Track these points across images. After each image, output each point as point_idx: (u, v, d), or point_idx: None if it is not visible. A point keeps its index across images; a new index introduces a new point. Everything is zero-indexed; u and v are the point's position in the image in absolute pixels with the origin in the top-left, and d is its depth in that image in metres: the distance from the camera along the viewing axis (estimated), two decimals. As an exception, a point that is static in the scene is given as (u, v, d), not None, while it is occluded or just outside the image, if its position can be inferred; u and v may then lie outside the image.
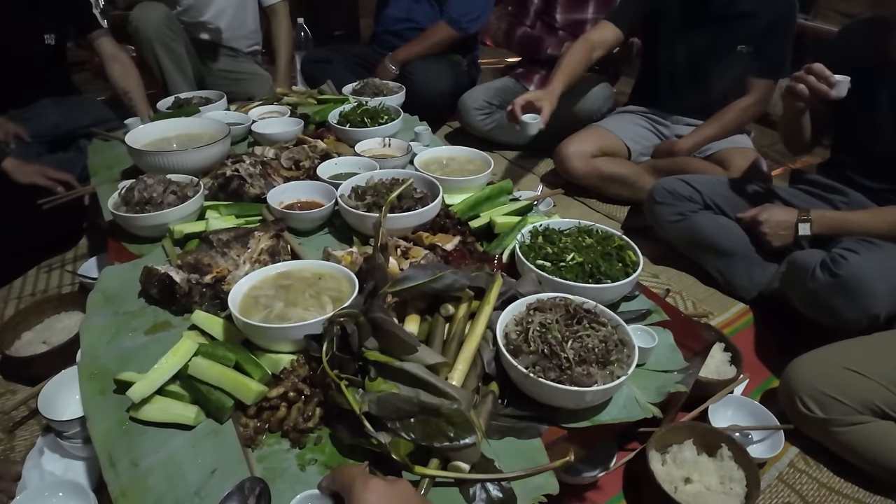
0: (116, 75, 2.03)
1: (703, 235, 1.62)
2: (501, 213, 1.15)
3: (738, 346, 1.34)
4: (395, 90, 1.85)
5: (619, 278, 0.92)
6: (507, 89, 2.43)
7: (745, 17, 1.86)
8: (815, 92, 1.34)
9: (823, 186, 1.61)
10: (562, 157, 2.07)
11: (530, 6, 2.41)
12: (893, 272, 1.27)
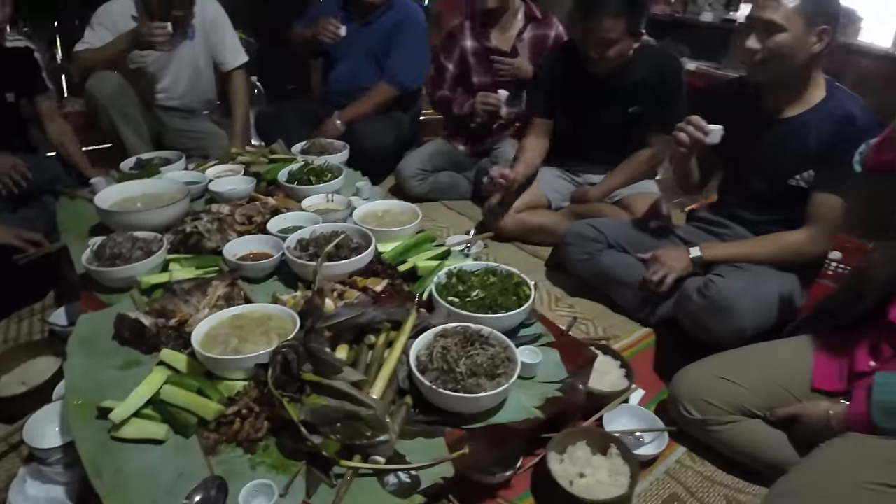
0: (53, 134, 2.19)
1: (608, 271, 1.88)
2: (424, 259, 1.37)
3: (640, 363, 1.58)
4: (339, 148, 2.08)
5: (513, 309, 1.15)
6: (439, 152, 2.68)
7: (635, 85, 2.14)
8: (694, 139, 1.60)
9: (712, 222, 1.88)
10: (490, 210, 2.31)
11: (446, 73, 2.65)
12: (755, 292, 1.53)
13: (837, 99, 1.57)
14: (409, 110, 2.82)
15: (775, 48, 1.49)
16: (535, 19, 2.53)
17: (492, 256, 2.21)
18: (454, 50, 2.62)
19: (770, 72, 1.55)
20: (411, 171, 2.60)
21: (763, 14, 1.51)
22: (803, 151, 1.58)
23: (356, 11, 2.64)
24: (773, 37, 1.49)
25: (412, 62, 2.67)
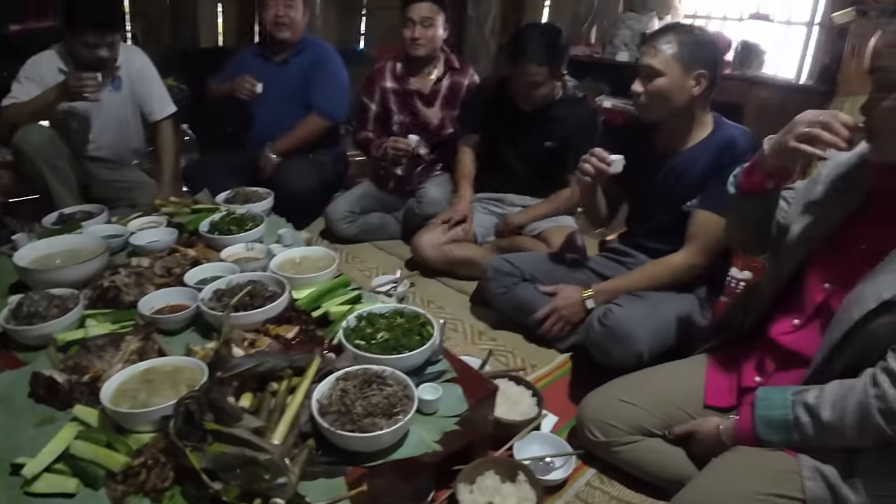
0: None
1: (524, 303, 1.98)
2: (337, 304, 1.44)
3: (557, 390, 1.68)
4: (263, 196, 2.13)
5: (416, 349, 1.22)
6: (367, 194, 2.78)
7: (552, 121, 2.34)
8: (598, 169, 1.73)
9: (620, 252, 2.02)
10: (416, 246, 2.43)
11: (369, 112, 2.77)
12: (651, 318, 1.66)
13: (724, 130, 1.74)
14: (332, 151, 2.91)
15: (655, 91, 1.65)
16: (454, 68, 2.69)
17: (419, 294, 2.29)
18: (375, 90, 2.74)
19: (653, 113, 1.72)
20: (340, 214, 2.67)
21: (644, 60, 1.67)
22: (694, 181, 1.73)
23: (271, 52, 2.76)
24: (654, 81, 1.65)
25: (337, 94, 2.78)
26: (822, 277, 1.19)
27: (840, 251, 1.17)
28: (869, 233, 1.12)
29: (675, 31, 1.66)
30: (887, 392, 1.00)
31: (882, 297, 1.02)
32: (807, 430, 1.09)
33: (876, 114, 1.01)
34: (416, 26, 2.52)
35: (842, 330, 1.08)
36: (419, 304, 2.23)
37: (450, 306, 2.24)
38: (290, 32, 2.70)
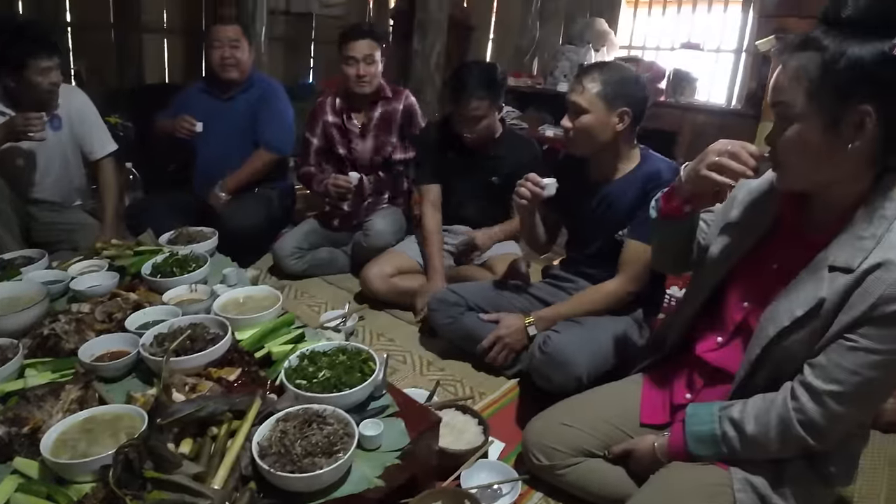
0: None
1: (470, 332, 2.02)
2: (279, 343, 1.46)
3: (504, 416, 1.72)
4: (208, 236, 2.13)
5: (357, 385, 1.25)
6: (315, 230, 2.80)
7: (496, 158, 2.44)
8: (532, 193, 1.81)
9: (561, 278, 2.10)
10: (364, 279, 2.46)
11: (311, 146, 2.81)
12: (587, 343, 1.72)
13: (651, 163, 1.84)
14: (279, 185, 2.92)
15: (581, 128, 1.75)
16: (385, 98, 2.74)
17: (368, 327, 2.31)
18: (317, 125, 2.79)
19: (580, 147, 1.81)
20: (287, 251, 2.68)
21: (571, 97, 1.77)
22: (623, 211, 1.82)
23: (217, 89, 2.79)
24: (580, 118, 1.74)
25: (284, 129, 2.83)
26: (741, 296, 1.26)
27: (755, 271, 1.23)
28: (779, 253, 1.19)
29: (601, 70, 1.76)
30: (805, 405, 1.07)
31: (794, 315, 1.08)
32: (734, 443, 1.15)
33: (779, 144, 1.07)
34: (360, 64, 2.58)
35: (760, 346, 1.14)
36: (369, 338, 2.25)
37: (399, 338, 2.27)
38: (236, 73, 2.74)
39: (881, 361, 1.01)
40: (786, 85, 1.04)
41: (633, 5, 4.50)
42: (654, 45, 4.47)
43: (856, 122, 0.98)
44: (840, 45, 0.97)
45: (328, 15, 5.17)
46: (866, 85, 0.97)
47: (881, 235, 1.01)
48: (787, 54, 1.05)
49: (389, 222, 2.65)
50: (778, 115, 1.07)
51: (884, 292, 0.97)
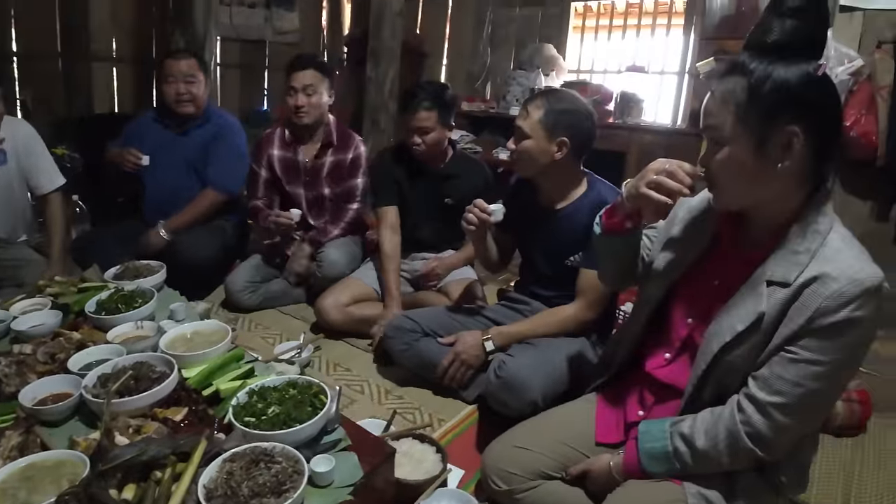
0: None
1: (426, 358, 2.02)
2: (228, 380, 1.42)
3: (464, 442, 1.72)
4: (155, 270, 2.08)
5: (307, 420, 1.23)
6: (264, 265, 2.76)
7: (449, 179, 2.47)
8: (479, 218, 1.83)
9: (516, 300, 2.12)
10: (319, 309, 2.43)
11: (259, 178, 2.78)
12: (541, 366, 1.73)
13: (596, 190, 1.88)
14: (233, 217, 2.88)
15: (522, 151, 1.80)
16: (332, 145, 2.71)
17: (325, 358, 2.28)
18: (263, 157, 2.76)
19: (521, 170, 1.89)
20: (240, 285, 2.63)
21: (517, 121, 1.82)
22: (573, 237, 1.85)
23: (171, 122, 2.73)
24: (522, 142, 1.79)
25: (235, 167, 2.77)
26: (685, 313, 1.29)
27: (697, 287, 1.27)
28: (719, 269, 1.23)
29: (546, 98, 1.80)
30: (752, 417, 1.09)
31: (736, 330, 1.11)
32: (685, 458, 1.17)
33: (712, 166, 1.11)
34: (299, 94, 2.55)
35: (705, 362, 1.17)
36: (325, 368, 2.22)
37: (356, 367, 2.24)
38: (192, 108, 2.69)
39: (822, 372, 1.03)
40: (715, 110, 1.08)
41: (580, 31, 4.62)
42: (601, 69, 4.59)
43: (784, 142, 1.02)
44: (766, 69, 1.01)
45: (282, 42, 5.18)
46: (792, 106, 1.01)
47: (815, 250, 1.05)
48: (716, 80, 1.09)
49: (343, 252, 2.63)
50: (709, 138, 1.11)
51: (820, 305, 1.01)
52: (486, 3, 4.79)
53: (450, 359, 1.96)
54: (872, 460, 1.88)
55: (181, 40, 3.50)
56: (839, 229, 1.09)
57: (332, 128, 2.72)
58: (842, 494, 1.72)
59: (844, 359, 1.04)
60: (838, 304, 0.99)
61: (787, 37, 1.02)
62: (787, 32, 1.02)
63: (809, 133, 1.02)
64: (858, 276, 1.00)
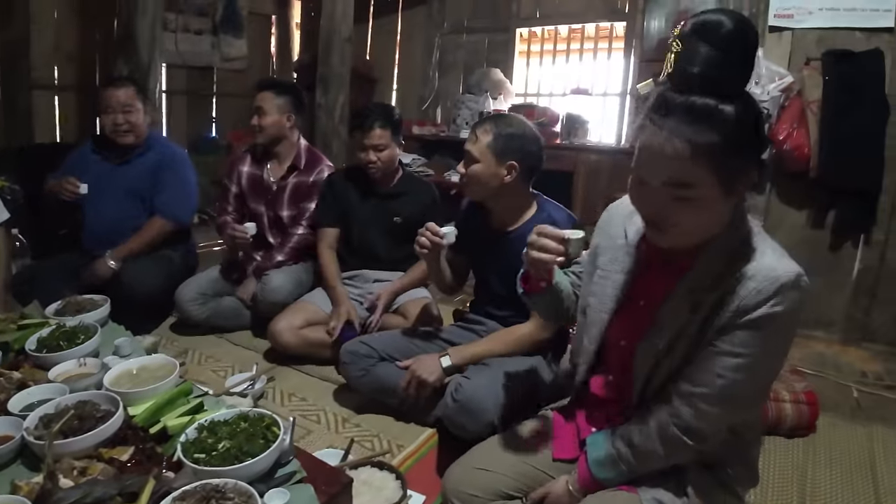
0: None
1: (383, 383, 2.01)
2: (176, 416, 1.38)
3: (425, 466, 1.75)
4: (99, 304, 2.01)
5: (260, 453, 1.20)
6: (220, 278, 2.74)
7: (398, 198, 2.51)
8: (431, 241, 1.84)
9: (471, 321, 2.13)
10: (273, 333, 2.39)
11: (229, 194, 2.81)
12: (498, 386, 1.74)
13: (546, 211, 1.92)
14: (180, 247, 2.82)
15: (472, 175, 1.83)
16: (298, 168, 2.75)
17: (279, 388, 2.24)
18: (234, 172, 2.81)
19: (471, 193, 1.91)
20: (190, 295, 2.59)
21: (466, 146, 1.86)
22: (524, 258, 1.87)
23: (111, 153, 2.68)
24: (472, 166, 1.82)
25: (186, 196, 2.75)
26: (619, 336, 1.31)
27: (627, 310, 1.29)
28: (644, 291, 1.26)
29: (495, 122, 1.85)
30: (679, 409, 1.14)
31: (666, 339, 1.15)
32: (628, 458, 1.20)
33: (670, 213, 1.06)
34: (255, 115, 2.66)
35: (643, 377, 1.21)
36: (279, 399, 2.18)
37: (312, 396, 2.21)
38: (131, 138, 2.63)
39: (742, 364, 1.07)
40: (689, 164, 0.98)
41: (525, 56, 4.75)
42: (547, 92, 4.72)
43: (749, 181, 1.04)
44: (733, 112, 0.97)
45: (229, 69, 5.14)
46: (755, 145, 1.02)
47: (735, 253, 1.08)
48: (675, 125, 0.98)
49: (288, 279, 2.61)
50: (673, 193, 1.02)
51: (740, 304, 1.05)
52: (434, 30, 4.87)
53: (406, 379, 1.94)
54: (824, 460, 1.96)
55: (125, 68, 3.43)
56: (756, 231, 1.11)
57: (301, 151, 2.77)
58: (797, 495, 1.78)
59: (765, 351, 1.07)
60: (756, 302, 1.03)
61: (717, 71, 1.00)
62: (716, 65, 1.00)
63: (760, 164, 1.05)
64: (774, 273, 1.02)
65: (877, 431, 2.15)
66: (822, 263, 3.01)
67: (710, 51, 1.00)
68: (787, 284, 1.02)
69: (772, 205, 3.10)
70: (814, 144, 2.82)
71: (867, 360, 2.82)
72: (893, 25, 2.73)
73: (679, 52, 1.04)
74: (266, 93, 2.65)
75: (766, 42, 2.98)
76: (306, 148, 2.81)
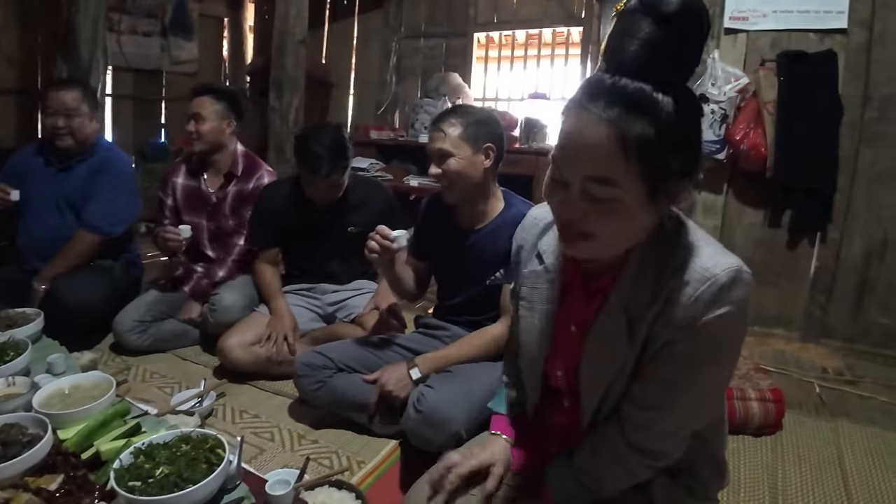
0: None
1: (342, 395, 1.90)
2: (110, 440, 1.26)
3: (388, 482, 1.66)
4: (31, 318, 1.86)
5: (202, 479, 1.10)
6: (160, 300, 2.56)
7: (350, 207, 2.39)
8: (383, 247, 1.75)
9: (434, 326, 2.05)
10: (223, 350, 2.26)
11: (165, 208, 2.65)
12: (462, 396, 1.65)
13: (514, 206, 1.87)
14: (121, 257, 2.65)
15: (452, 172, 1.75)
16: (235, 176, 2.61)
17: (230, 405, 2.11)
18: (169, 185, 2.65)
19: (455, 192, 1.81)
20: (127, 325, 2.41)
21: (435, 145, 1.77)
22: (495, 254, 1.81)
23: (53, 157, 2.51)
24: (446, 162, 1.75)
25: (116, 206, 2.54)
26: (559, 366, 1.19)
27: (561, 339, 1.15)
28: (573, 316, 1.12)
29: (457, 114, 1.79)
30: (635, 435, 1.02)
31: (612, 367, 1.02)
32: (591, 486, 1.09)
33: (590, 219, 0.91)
34: (190, 121, 2.50)
35: (592, 404, 1.09)
36: (230, 416, 2.04)
37: (265, 413, 2.08)
38: (71, 141, 2.45)
39: (692, 375, 0.96)
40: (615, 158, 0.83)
41: (483, 61, 4.71)
42: (505, 97, 4.70)
43: (677, 190, 0.90)
44: (672, 105, 0.83)
45: (179, 72, 4.96)
46: (691, 146, 0.89)
47: (664, 260, 0.95)
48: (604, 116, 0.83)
49: (239, 295, 2.46)
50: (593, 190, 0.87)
51: (682, 313, 0.92)
52: (391, 34, 4.80)
53: (376, 395, 1.84)
54: (792, 457, 1.95)
55: (64, 69, 3.25)
56: (687, 227, 0.98)
57: (238, 157, 2.62)
58: (769, 494, 1.76)
59: (715, 357, 0.96)
60: (697, 310, 0.90)
61: (656, 52, 0.83)
62: (656, 46, 0.83)
63: (693, 174, 0.90)
64: (709, 274, 0.90)
65: (842, 427, 2.16)
66: (779, 262, 3.04)
67: (653, 29, 0.83)
68: (727, 285, 0.90)
69: (729, 204, 3.12)
70: (770, 144, 2.85)
71: (827, 356, 2.85)
72: (846, 27, 2.77)
73: (616, 28, 0.87)
74: (203, 98, 2.50)
75: (721, 44, 3.01)
76: (243, 154, 2.65)
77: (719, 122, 2.88)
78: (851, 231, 2.90)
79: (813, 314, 3.01)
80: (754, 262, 3.07)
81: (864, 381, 2.59)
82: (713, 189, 3.13)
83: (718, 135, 2.90)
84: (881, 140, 2.80)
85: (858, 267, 2.91)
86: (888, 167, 2.80)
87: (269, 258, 2.47)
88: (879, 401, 2.41)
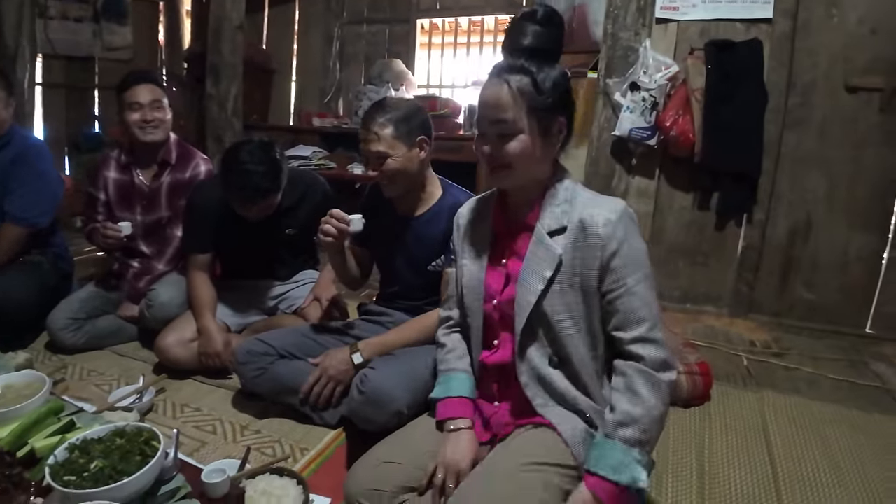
0: None
1: (283, 381, 1.90)
2: (44, 437, 1.26)
3: (332, 468, 1.68)
4: (-45, 320, 1.81)
5: (136, 471, 1.11)
6: (94, 296, 2.49)
7: (290, 209, 2.33)
8: (338, 229, 1.76)
9: (377, 313, 2.08)
10: (161, 349, 2.21)
11: (98, 203, 2.54)
12: (405, 375, 1.69)
13: (452, 194, 1.92)
14: (48, 251, 2.54)
15: (391, 172, 1.79)
16: (169, 164, 2.51)
17: (170, 400, 2.09)
18: (100, 179, 2.53)
19: (398, 189, 1.86)
20: (60, 323, 2.33)
21: (369, 147, 1.80)
22: (434, 243, 1.86)
23: None
24: (385, 163, 1.77)
25: (40, 195, 2.42)
26: (489, 297, 1.39)
27: (494, 279, 1.39)
28: (504, 251, 1.39)
29: (383, 112, 1.79)
30: (642, 355, 1.20)
31: (545, 276, 1.25)
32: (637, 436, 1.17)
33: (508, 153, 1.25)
34: (145, 109, 2.36)
35: (524, 314, 1.28)
36: (171, 411, 2.02)
37: (207, 406, 2.07)
38: None
39: (646, 282, 1.23)
40: (507, 105, 1.22)
41: (427, 48, 4.73)
42: (449, 83, 4.73)
43: (558, 129, 1.27)
44: (543, 70, 1.22)
45: (112, 59, 4.80)
46: (562, 100, 1.26)
47: (570, 200, 1.29)
48: (500, 79, 1.22)
49: (177, 291, 2.39)
50: (497, 131, 1.24)
51: (598, 243, 1.22)
52: (333, 20, 4.76)
53: (316, 376, 1.85)
54: (719, 426, 2.06)
55: (-16, 56, 3.12)
56: (577, 184, 1.34)
57: (172, 146, 2.52)
58: (696, 461, 1.85)
59: (644, 263, 1.25)
60: (609, 235, 1.21)
61: (542, 43, 1.30)
62: (542, 39, 1.31)
63: (567, 120, 1.28)
64: (607, 210, 1.24)
65: (767, 397, 2.29)
66: (709, 243, 3.18)
67: (533, 28, 1.34)
68: (622, 214, 1.24)
69: (661, 188, 3.24)
70: (698, 130, 2.96)
71: (754, 330, 3.01)
72: (772, 16, 2.90)
73: (511, 29, 1.39)
74: (153, 85, 2.40)
75: (653, 33, 3.10)
76: (176, 142, 2.55)
77: (650, 110, 2.98)
78: (776, 212, 3.05)
79: (741, 291, 3.16)
80: (685, 243, 3.22)
81: (790, 354, 2.73)
82: (646, 174, 3.24)
83: (649, 121, 3.00)
84: (804, 125, 2.95)
85: (783, 246, 3.07)
86: (811, 150, 2.95)
87: (201, 264, 2.35)
88: (805, 371, 2.55)
